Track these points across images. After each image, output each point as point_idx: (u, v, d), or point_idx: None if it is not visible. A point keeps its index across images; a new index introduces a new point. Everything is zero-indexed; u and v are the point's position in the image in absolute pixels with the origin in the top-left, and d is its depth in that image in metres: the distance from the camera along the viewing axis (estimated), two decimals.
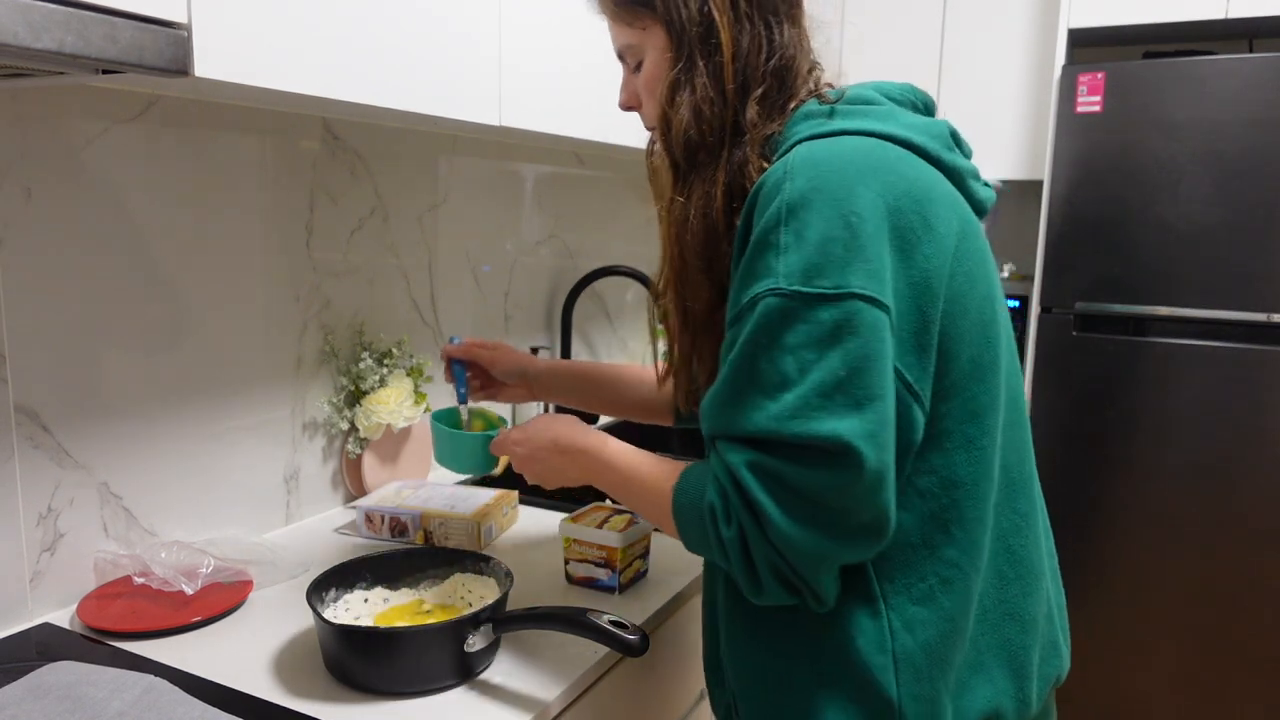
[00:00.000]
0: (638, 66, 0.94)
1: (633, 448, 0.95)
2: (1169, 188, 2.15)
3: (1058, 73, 2.27)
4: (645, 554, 1.27)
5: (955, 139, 0.90)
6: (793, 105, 0.87)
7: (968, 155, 0.91)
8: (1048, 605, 0.91)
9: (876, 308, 0.74)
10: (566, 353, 2.05)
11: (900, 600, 0.81)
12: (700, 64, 0.86)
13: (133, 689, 0.91)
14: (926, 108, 0.92)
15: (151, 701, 0.89)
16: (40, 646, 1.05)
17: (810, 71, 0.90)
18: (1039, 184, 2.56)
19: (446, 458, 1.15)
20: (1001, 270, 2.80)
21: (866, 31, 2.79)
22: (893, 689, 0.80)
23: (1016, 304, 2.56)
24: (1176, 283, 2.18)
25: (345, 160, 1.49)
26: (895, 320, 0.76)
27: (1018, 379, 0.89)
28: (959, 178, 0.87)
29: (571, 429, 0.99)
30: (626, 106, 0.99)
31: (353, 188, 1.51)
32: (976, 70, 2.66)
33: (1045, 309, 2.33)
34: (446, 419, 1.20)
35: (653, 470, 0.90)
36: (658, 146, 0.96)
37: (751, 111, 0.86)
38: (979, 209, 0.89)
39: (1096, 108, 2.20)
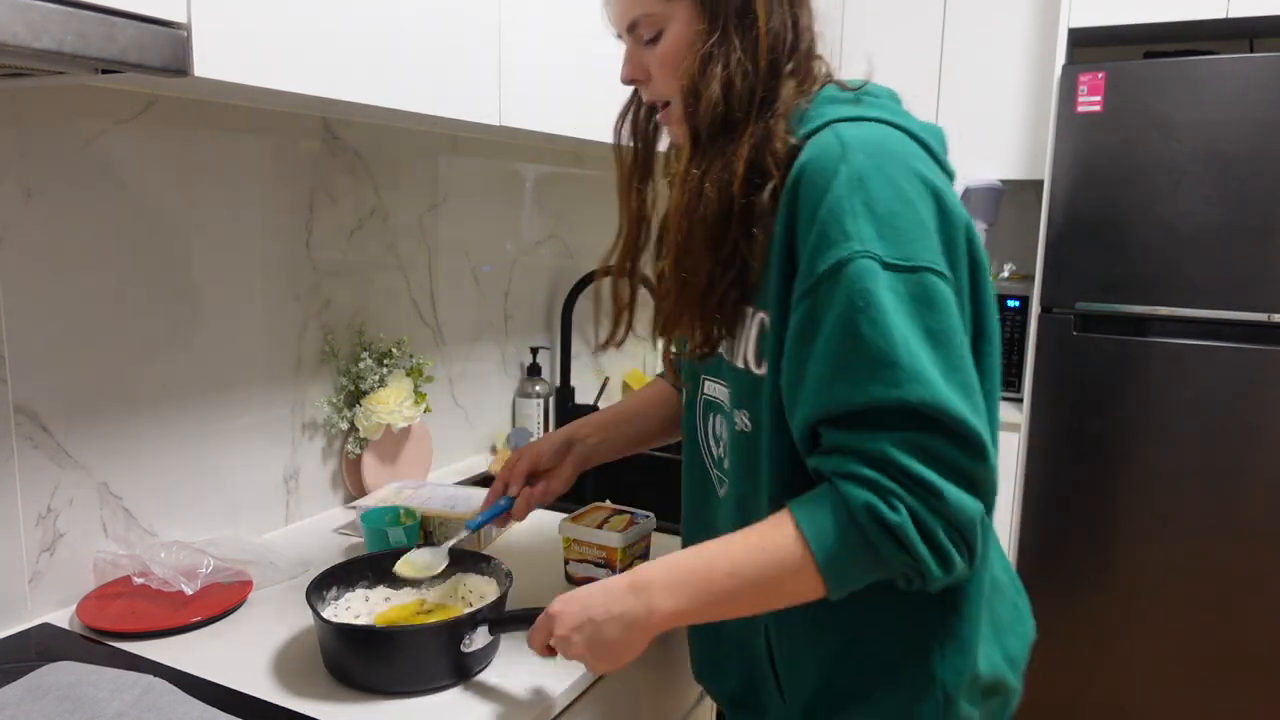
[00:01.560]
0: (653, 39, 0.91)
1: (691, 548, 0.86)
2: (1169, 188, 2.15)
3: (1058, 73, 2.27)
4: (645, 554, 1.27)
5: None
6: (815, 88, 0.89)
7: None
8: (1011, 573, 0.99)
9: (946, 282, 0.76)
10: (566, 352, 2.05)
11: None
12: (735, 39, 0.86)
13: (132, 689, 0.91)
14: None
15: (151, 702, 0.89)
16: (39, 647, 1.05)
17: (819, 58, 0.93)
18: (1039, 184, 2.56)
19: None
20: (1001, 270, 2.80)
21: (866, 31, 2.79)
22: (937, 665, 0.85)
23: (1017, 304, 2.55)
24: (1176, 283, 2.17)
25: (345, 160, 1.49)
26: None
27: None
28: (949, 180, 0.89)
29: (610, 579, 0.87)
30: (629, 80, 0.97)
31: (353, 188, 1.51)
32: (976, 70, 2.66)
33: (1045, 309, 2.32)
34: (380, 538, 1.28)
35: (745, 540, 0.81)
36: (626, 129, 1.03)
37: (788, 88, 0.87)
38: None
39: (1097, 108, 2.20)
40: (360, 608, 1.06)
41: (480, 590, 1.09)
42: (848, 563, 0.76)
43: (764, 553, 0.79)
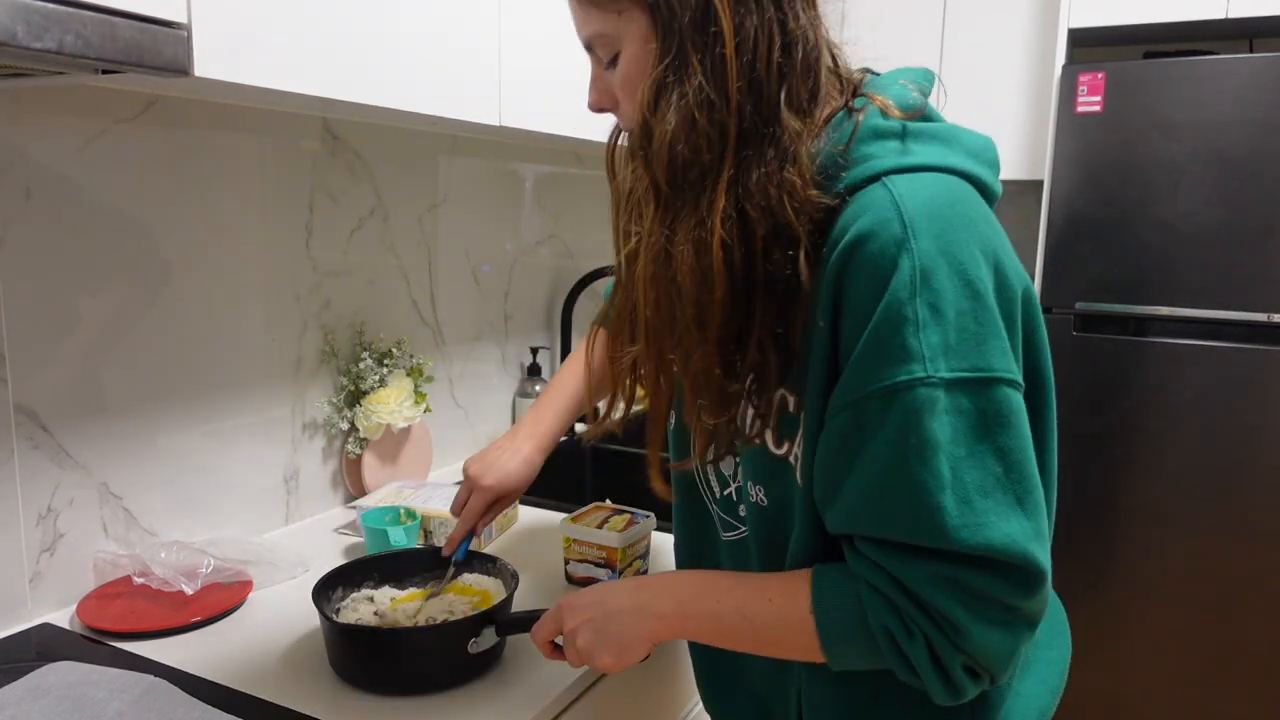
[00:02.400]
0: (611, 61, 0.77)
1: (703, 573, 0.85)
2: (1169, 188, 2.15)
3: (1058, 73, 2.27)
4: (645, 554, 1.27)
5: None
6: (825, 112, 0.74)
7: None
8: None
9: (1017, 390, 0.69)
10: (566, 353, 2.05)
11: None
12: (694, 59, 0.70)
13: (133, 689, 0.91)
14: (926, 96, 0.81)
15: (151, 702, 0.89)
16: (40, 647, 1.04)
17: (835, 66, 0.77)
18: (1039, 184, 2.56)
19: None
20: None
21: (866, 32, 2.79)
22: None
23: None
24: (1176, 283, 2.18)
25: (345, 160, 1.49)
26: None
27: None
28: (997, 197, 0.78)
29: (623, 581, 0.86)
30: (597, 108, 0.83)
31: (353, 188, 1.51)
32: (976, 70, 2.66)
33: (1045, 309, 2.32)
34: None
35: (761, 590, 0.78)
36: (620, 155, 0.86)
37: (789, 118, 0.70)
38: None
39: (1097, 108, 2.20)
40: (365, 609, 1.06)
41: (486, 591, 1.09)
42: (852, 655, 0.74)
43: (774, 611, 0.76)
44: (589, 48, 0.80)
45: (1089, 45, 2.62)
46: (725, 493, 0.91)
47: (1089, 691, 2.36)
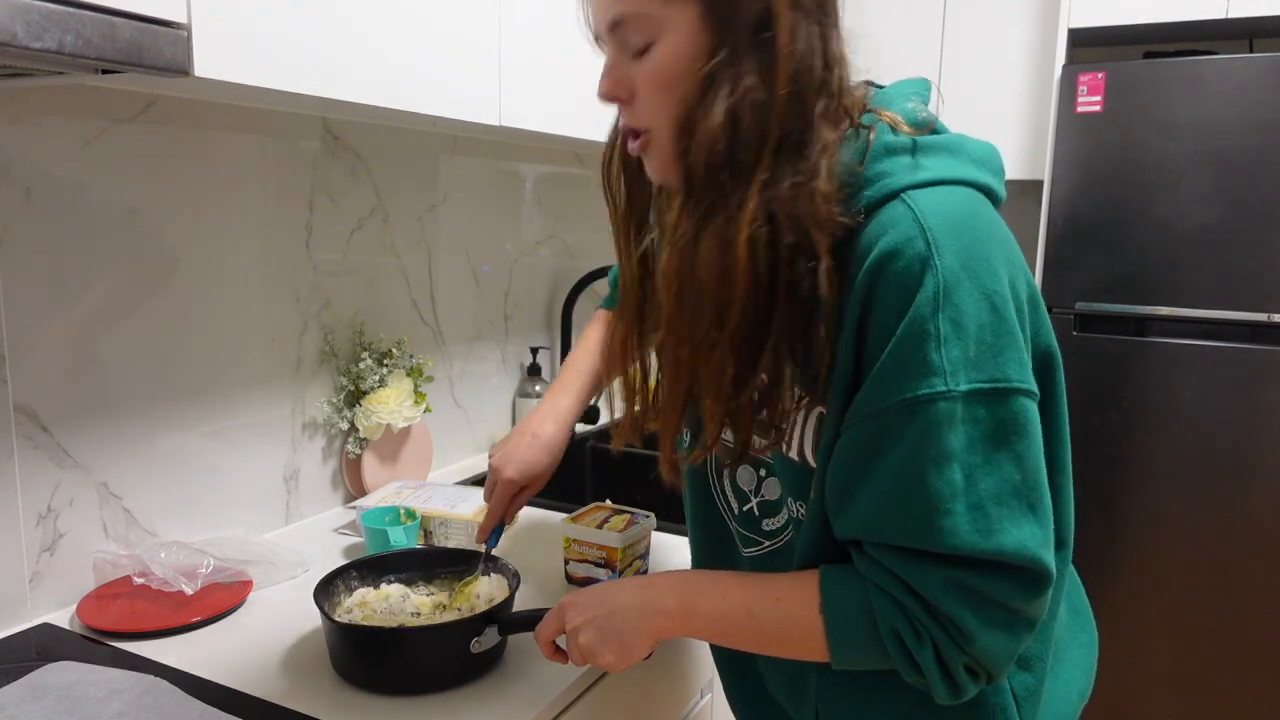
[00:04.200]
0: (643, 50, 0.74)
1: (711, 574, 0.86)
2: (1169, 188, 2.15)
3: (1058, 73, 2.27)
4: (645, 554, 1.27)
5: None
6: (870, 134, 0.74)
7: None
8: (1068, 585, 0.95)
9: (1032, 400, 0.71)
10: (566, 353, 2.05)
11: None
12: (747, 60, 0.70)
13: (132, 689, 0.91)
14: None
15: (151, 702, 0.89)
16: (40, 647, 1.04)
17: (851, 93, 0.78)
18: (1039, 184, 2.56)
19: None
20: None
21: (867, 31, 2.79)
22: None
23: None
24: (1176, 283, 2.18)
25: (345, 160, 1.49)
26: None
27: None
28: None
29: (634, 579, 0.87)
30: (610, 97, 0.79)
31: (353, 188, 1.51)
32: (976, 70, 2.66)
33: (1045, 309, 2.32)
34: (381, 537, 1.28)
35: (769, 589, 0.79)
36: (616, 165, 0.86)
37: (826, 130, 0.72)
38: None
39: (1097, 108, 2.20)
40: (367, 607, 1.06)
41: (489, 591, 1.09)
42: (858, 656, 0.75)
43: (783, 611, 0.77)
44: (615, 26, 0.75)
45: (1089, 45, 2.62)
46: (745, 508, 0.91)
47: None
